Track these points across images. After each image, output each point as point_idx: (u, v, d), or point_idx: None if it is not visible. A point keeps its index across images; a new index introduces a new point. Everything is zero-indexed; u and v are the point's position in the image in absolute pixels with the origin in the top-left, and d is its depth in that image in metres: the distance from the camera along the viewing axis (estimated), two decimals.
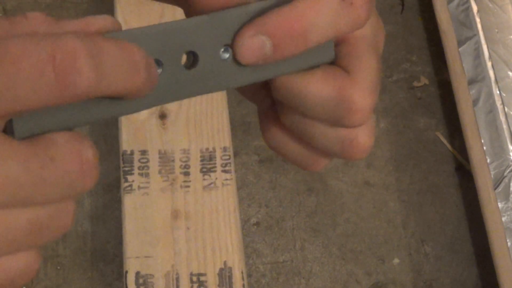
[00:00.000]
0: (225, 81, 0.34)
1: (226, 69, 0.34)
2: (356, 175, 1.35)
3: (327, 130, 0.36)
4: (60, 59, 0.26)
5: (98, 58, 0.27)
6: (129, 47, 0.29)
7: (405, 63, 1.47)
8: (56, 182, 0.28)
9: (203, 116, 1.14)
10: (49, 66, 0.26)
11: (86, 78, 0.27)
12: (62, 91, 0.27)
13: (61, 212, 0.30)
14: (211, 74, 0.34)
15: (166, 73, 0.33)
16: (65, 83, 0.27)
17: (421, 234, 1.30)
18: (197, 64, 0.33)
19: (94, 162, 0.29)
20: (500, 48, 1.27)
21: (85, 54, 0.27)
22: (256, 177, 1.34)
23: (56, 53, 0.26)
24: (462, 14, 1.32)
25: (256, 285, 1.25)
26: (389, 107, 1.42)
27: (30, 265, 0.30)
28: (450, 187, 1.35)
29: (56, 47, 0.26)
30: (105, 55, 0.28)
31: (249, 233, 1.29)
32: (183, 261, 1.03)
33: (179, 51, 0.33)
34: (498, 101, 1.22)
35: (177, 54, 0.33)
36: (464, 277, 1.27)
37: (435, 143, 1.39)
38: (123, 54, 0.28)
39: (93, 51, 0.27)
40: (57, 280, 1.24)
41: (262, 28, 0.33)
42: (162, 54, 0.32)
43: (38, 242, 0.30)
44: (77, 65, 0.27)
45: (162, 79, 0.32)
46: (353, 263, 1.27)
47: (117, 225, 1.24)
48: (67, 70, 0.26)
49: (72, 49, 0.27)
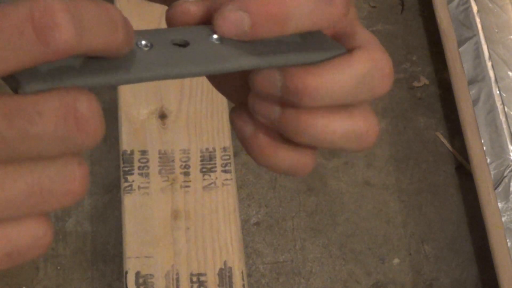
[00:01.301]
0: (216, 62, 0.35)
1: (217, 51, 0.35)
2: (356, 175, 1.35)
3: (345, 123, 0.36)
4: (38, 17, 0.27)
5: (77, 14, 0.28)
6: (107, 6, 0.30)
7: (405, 63, 1.47)
8: (46, 137, 0.28)
9: (203, 116, 1.14)
10: (28, 25, 0.27)
11: (65, 33, 0.27)
12: (44, 48, 0.27)
13: (64, 174, 0.29)
14: (202, 55, 0.35)
15: (157, 50, 0.33)
16: (46, 39, 0.27)
17: (421, 234, 1.30)
18: (188, 45, 0.35)
19: (90, 115, 0.29)
20: (500, 48, 1.27)
21: (64, 10, 0.27)
22: (256, 177, 1.34)
23: (34, 12, 0.27)
24: (462, 14, 1.32)
25: (256, 285, 1.25)
26: (389, 107, 1.42)
27: (38, 235, 0.30)
28: (450, 187, 1.35)
29: (34, 5, 0.27)
30: (83, 12, 0.28)
31: (249, 233, 1.29)
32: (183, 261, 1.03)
33: (167, 39, 0.34)
34: (498, 101, 1.22)
35: (168, 40, 0.34)
36: (464, 277, 1.27)
37: (435, 143, 1.39)
38: (101, 11, 0.29)
39: (72, 8, 0.28)
40: (57, 280, 1.24)
41: (243, 5, 0.34)
42: (153, 40, 0.34)
43: (42, 207, 0.29)
44: (56, 21, 0.27)
45: (153, 55, 0.33)
46: (353, 263, 1.27)
47: (117, 225, 1.24)
48: (47, 27, 0.27)
49: (50, 6, 0.27)
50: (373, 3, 1.54)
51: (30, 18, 0.27)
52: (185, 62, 0.34)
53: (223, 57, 0.35)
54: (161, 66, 0.33)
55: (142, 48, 0.33)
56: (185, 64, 0.34)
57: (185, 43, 0.35)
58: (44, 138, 0.28)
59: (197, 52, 0.34)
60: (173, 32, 0.35)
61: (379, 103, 1.42)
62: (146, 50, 0.33)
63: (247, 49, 0.35)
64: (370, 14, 1.52)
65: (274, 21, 0.35)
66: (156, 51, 0.33)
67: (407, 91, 1.44)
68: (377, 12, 1.53)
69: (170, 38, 0.34)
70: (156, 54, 0.33)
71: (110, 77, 0.31)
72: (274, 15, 0.34)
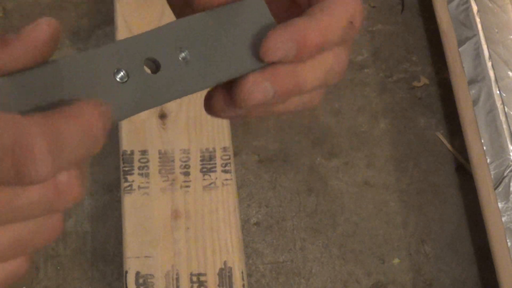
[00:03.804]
0: (187, 86, 0.36)
1: (186, 74, 0.36)
2: (356, 175, 1.35)
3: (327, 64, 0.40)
4: (18, 153, 0.29)
5: (57, 143, 0.29)
6: (88, 119, 0.31)
7: (405, 63, 1.47)
8: (30, 205, 0.30)
9: (203, 116, 1.14)
10: (8, 157, 0.28)
11: (41, 166, 0.29)
12: (19, 178, 0.29)
13: (45, 227, 0.32)
14: (174, 81, 0.36)
15: (133, 81, 0.34)
16: (22, 172, 0.29)
17: (421, 234, 1.30)
18: (160, 68, 0.36)
19: (70, 182, 0.30)
20: (500, 48, 1.27)
21: (43, 145, 0.29)
22: (256, 177, 1.34)
23: (15, 147, 0.28)
24: (462, 14, 1.32)
25: (256, 285, 1.25)
26: (389, 107, 1.42)
27: (19, 268, 0.32)
28: (450, 187, 1.35)
29: (16, 140, 0.29)
30: (64, 138, 0.30)
31: (249, 233, 1.29)
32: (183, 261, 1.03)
33: (139, 59, 0.35)
34: (498, 101, 1.22)
35: (139, 61, 0.35)
36: (464, 277, 1.26)
37: (435, 143, 1.39)
38: (82, 131, 0.30)
39: (52, 138, 0.29)
40: (57, 280, 1.24)
41: (268, 76, 0.37)
42: (125, 64, 0.34)
43: (24, 253, 0.32)
44: (34, 157, 0.29)
45: (131, 87, 0.34)
46: (353, 263, 1.27)
47: (117, 225, 1.24)
48: (24, 163, 0.29)
49: (30, 143, 0.29)
50: (373, 3, 1.54)
51: (11, 151, 0.28)
52: (160, 93, 0.35)
53: (192, 80, 0.36)
54: (137, 102, 0.34)
55: (119, 84, 0.34)
56: (160, 94, 0.35)
57: (156, 67, 0.36)
58: (28, 206, 0.30)
59: (169, 79, 0.36)
60: (143, 48, 0.35)
61: (379, 103, 1.42)
62: (122, 84, 0.34)
63: (211, 66, 0.37)
64: (370, 14, 1.52)
65: (294, 92, 0.38)
66: (131, 84, 0.34)
67: (407, 91, 1.44)
68: (377, 12, 1.53)
69: (141, 56, 0.35)
70: (132, 90, 0.34)
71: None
72: (294, 86, 0.37)
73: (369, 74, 1.45)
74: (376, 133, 1.39)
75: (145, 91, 0.35)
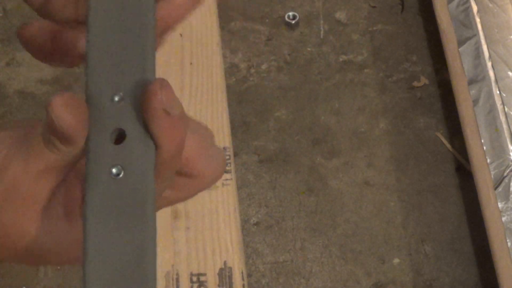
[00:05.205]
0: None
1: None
2: (356, 175, 1.35)
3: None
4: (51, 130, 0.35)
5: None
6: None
7: (405, 63, 1.47)
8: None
9: (203, 116, 1.14)
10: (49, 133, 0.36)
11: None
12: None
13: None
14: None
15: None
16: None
17: (421, 234, 1.30)
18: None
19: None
20: (500, 48, 1.27)
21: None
22: (256, 177, 1.34)
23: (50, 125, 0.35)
24: (462, 14, 1.32)
25: (256, 285, 1.25)
26: (389, 107, 1.42)
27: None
28: (450, 187, 1.35)
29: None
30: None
31: (249, 233, 1.29)
32: (183, 261, 1.03)
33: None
34: (498, 101, 1.22)
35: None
36: (464, 277, 1.27)
37: (435, 143, 1.39)
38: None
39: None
40: (57, 280, 1.24)
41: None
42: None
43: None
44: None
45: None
46: (353, 263, 1.27)
47: None
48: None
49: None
50: (373, 3, 1.54)
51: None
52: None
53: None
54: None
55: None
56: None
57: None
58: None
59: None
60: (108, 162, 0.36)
61: (379, 103, 1.42)
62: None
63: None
64: (370, 14, 1.52)
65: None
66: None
67: (407, 91, 1.44)
68: (377, 12, 1.53)
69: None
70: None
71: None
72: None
73: (369, 74, 1.45)
74: (376, 133, 1.39)
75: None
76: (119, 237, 0.36)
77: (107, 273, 0.35)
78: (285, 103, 1.41)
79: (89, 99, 0.36)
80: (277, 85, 1.43)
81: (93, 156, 0.35)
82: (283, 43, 1.48)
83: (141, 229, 0.36)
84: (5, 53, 1.45)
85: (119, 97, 0.36)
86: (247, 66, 1.43)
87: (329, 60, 1.47)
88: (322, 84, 1.44)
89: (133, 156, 0.36)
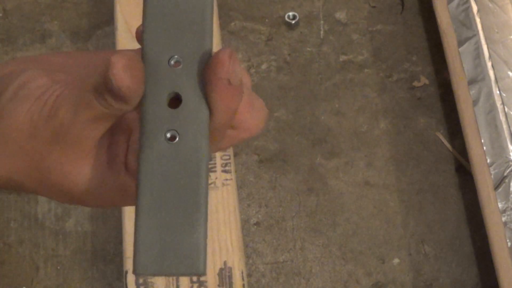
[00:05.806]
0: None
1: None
2: (356, 175, 1.35)
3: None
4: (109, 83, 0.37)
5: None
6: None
7: (405, 63, 1.47)
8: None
9: None
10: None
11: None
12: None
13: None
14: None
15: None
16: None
17: (421, 234, 1.30)
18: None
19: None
20: (500, 48, 1.27)
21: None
22: (256, 177, 1.34)
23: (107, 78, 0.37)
24: (462, 14, 1.32)
25: (256, 285, 1.25)
26: (389, 107, 1.42)
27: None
28: (450, 187, 1.35)
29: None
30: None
31: (249, 233, 1.29)
32: None
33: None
34: (498, 101, 1.22)
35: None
36: (464, 277, 1.27)
37: (435, 143, 1.39)
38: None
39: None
40: (57, 280, 1.24)
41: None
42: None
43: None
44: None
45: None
46: (353, 263, 1.27)
47: (117, 225, 1.24)
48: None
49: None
50: (373, 3, 1.54)
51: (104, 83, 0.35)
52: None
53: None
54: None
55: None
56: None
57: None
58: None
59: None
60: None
61: (379, 103, 1.42)
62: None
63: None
64: (370, 14, 1.52)
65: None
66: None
67: (407, 91, 1.44)
68: (377, 12, 1.53)
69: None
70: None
71: None
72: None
73: (369, 74, 1.45)
74: (376, 133, 1.39)
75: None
76: (172, 198, 0.36)
77: (157, 230, 0.36)
78: (285, 103, 1.41)
79: (146, 60, 0.36)
80: (277, 85, 1.43)
81: (149, 118, 0.36)
82: (283, 43, 1.48)
83: (194, 192, 0.36)
84: (5, 53, 1.45)
85: (175, 60, 0.36)
86: (247, 66, 1.43)
87: (329, 60, 1.47)
88: (322, 84, 1.44)
89: (188, 121, 0.36)
